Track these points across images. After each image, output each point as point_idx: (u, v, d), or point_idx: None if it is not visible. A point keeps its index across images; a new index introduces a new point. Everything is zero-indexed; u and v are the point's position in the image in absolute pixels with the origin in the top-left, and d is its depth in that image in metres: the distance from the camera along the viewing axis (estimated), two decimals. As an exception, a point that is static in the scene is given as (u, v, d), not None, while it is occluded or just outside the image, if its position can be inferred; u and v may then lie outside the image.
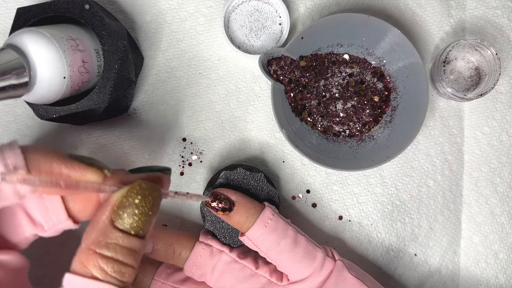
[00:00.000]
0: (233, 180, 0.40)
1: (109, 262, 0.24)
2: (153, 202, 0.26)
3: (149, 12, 0.44)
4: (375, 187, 0.45)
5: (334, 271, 0.37)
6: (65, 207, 0.27)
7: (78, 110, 0.37)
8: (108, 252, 0.24)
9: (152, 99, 0.44)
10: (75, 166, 0.26)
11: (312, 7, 0.45)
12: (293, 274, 0.37)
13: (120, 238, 0.25)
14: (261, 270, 0.38)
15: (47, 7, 0.36)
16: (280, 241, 0.37)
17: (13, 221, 0.27)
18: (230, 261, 0.38)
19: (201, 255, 0.38)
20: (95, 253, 0.24)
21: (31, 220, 0.27)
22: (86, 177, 0.26)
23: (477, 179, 0.46)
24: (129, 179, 0.27)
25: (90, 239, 0.25)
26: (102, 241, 0.25)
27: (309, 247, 0.38)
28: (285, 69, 0.43)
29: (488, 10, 0.46)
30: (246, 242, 0.38)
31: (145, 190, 0.26)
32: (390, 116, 0.44)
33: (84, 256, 0.25)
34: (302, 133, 0.43)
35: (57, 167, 0.26)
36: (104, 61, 0.37)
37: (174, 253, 0.38)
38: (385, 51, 0.43)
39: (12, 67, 0.29)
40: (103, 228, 0.25)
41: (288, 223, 0.39)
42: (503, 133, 0.46)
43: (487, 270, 0.46)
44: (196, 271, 0.38)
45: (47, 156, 0.25)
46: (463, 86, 0.44)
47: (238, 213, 0.37)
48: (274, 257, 0.37)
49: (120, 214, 0.25)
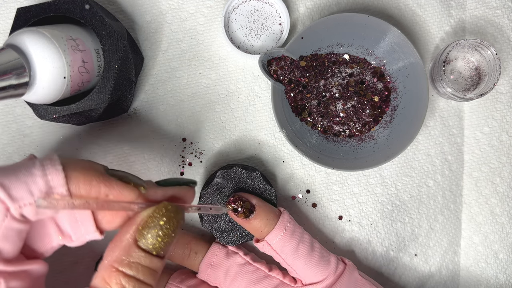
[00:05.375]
0: (230, 179, 0.40)
1: (131, 280, 0.25)
2: (177, 224, 0.26)
3: (149, 12, 0.44)
4: (375, 187, 0.45)
5: (346, 271, 0.38)
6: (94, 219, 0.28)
7: (78, 110, 0.37)
8: (130, 271, 0.25)
9: (152, 99, 0.44)
10: (113, 185, 0.26)
11: (312, 7, 0.45)
12: (308, 277, 0.38)
13: (142, 257, 0.25)
14: (274, 272, 0.39)
15: (47, 7, 0.36)
16: (298, 245, 0.38)
17: (42, 232, 0.28)
18: (244, 263, 0.39)
19: (217, 254, 0.39)
20: (118, 271, 0.25)
21: (60, 230, 0.28)
22: (123, 196, 0.27)
23: (477, 179, 0.46)
24: (156, 196, 0.28)
25: (113, 256, 0.25)
26: (125, 259, 0.25)
27: (323, 251, 0.39)
28: (285, 69, 0.43)
29: (488, 10, 0.46)
30: (263, 248, 0.39)
31: (170, 212, 0.26)
32: (390, 116, 0.44)
33: (106, 273, 0.25)
34: (302, 133, 0.43)
35: (96, 185, 0.26)
36: (104, 61, 0.37)
37: (190, 253, 0.39)
38: (385, 51, 0.43)
39: (12, 67, 0.29)
40: (127, 246, 0.25)
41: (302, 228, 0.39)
42: (503, 133, 0.46)
43: (487, 270, 0.46)
44: (210, 272, 0.39)
45: (87, 174, 0.26)
46: (463, 86, 0.44)
47: (258, 217, 0.37)
48: (290, 261, 0.38)
49: (144, 235, 0.26)
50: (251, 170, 0.41)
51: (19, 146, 0.43)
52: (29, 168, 0.25)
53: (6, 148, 0.43)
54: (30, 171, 0.25)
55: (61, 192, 0.25)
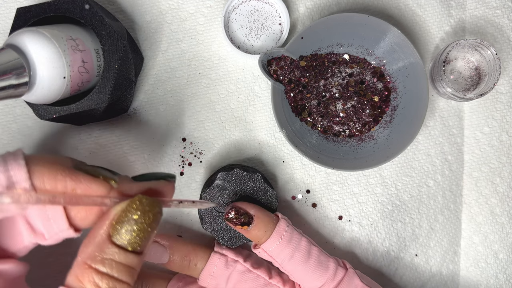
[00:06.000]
0: (230, 181, 0.40)
1: (104, 278, 0.24)
2: (153, 218, 0.25)
3: (149, 12, 0.44)
4: (375, 187, 0.45)
5: (345, 277, 0.38)
6: (67, 216, 0.26)
7: (78, 110, 0.36)
8: (104, 268, 0.24)
9: (152, 99, 0.44)
10: (80, 178, 0.25)
11: (312, 7, 0.45)
12: (306, 284, 0.38)
13: (116, 254, 0.24)
14: (274, 279, 0.39)
15: (47, 7, 0.36)
16: (294, 252, 0.37)
17: (12, 230, 0.26)
18: (244, 270, 0.38)
19: (217, 265, 0.38)
20: (91, 268, 0.24)
21: (31, 228, 0.27)
22: (91, 190, 0.25)
23: (477, 179, 0.46)
24: (132, 190, 0.26)
25: (86, 253, 0.24)
26: (98, 256, 0.24)
27: (322, 257, 0.38)
28: (285, 69, 0.43)
29: (488, 10, 0.46)
30: (260, 254, 0.39)
31: (145, 206, 0.25)
32: (390, 116, 0.44)
33: (79, 270, 0.24)
34: (302, 133, 0.43)
35: (62, 179, 0.25)
36: (104, 61, 0.37)
37: (190, 263, 0.38)
38: (385, 51, 0.43)
39: (12, 67, 0.29)
40: (100, 242, 0.24)
41: (301, 234, 0.39)
42: (503, 133, 0.46)
43: (487, 270, 0.46)
44: (211, 281, 0.38)
45: (51, 168, 0.25)
46: (463, 86, 0.44)
47: (257, 227, 0.37)
48: (288, 268, 0.38)
49: (118, 230, 0.25)
50: (252, 172, 0.41)
51: (19, 146, 0.43)
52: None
53: (6, 148, 0.43)
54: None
55: (24, 186, 0.24)
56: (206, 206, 0.32)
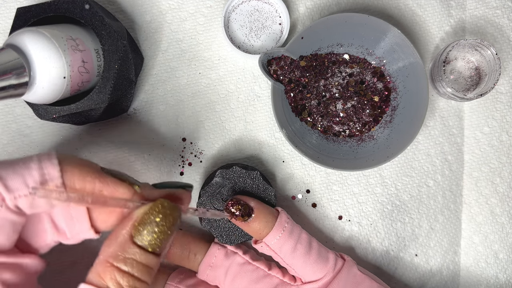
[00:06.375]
0: (229, 178, 0.40)
1: (125, 276, 0.25)
2: (173, 222, 0.27)
3: (149, 12, 0.44)
4: (375, 187, 0.45)
5: (344, 266, 0.39)
6: (89, 217, 0.28)
7: (78, 110, 0.37)
8: (125, 267, 0.25)
9: (152, 99, 0.44)
10: (108, 181, 0.27)
11: (312, 7, 0.45)
12: (306, 276, 0.38)
13: (137, 254, 0.26)
14: (273, 271, 0.39)
15: (47, 7, 0.36)
16: (296, 245, 0.38)
17: (38, 227, 0.28)
18: (243, 262, 0.39)
19: (216, 255, 0.39)
20: (112, 266, 0.25)
21: (55, 227, 0.28)
22: (117, 193, 0.27)
23: (477, 179, 0.46)
24: (152, 195, 0.28)
25: (108, 252, 0.26)
26: (120, 255, 0.25)
27: (322, 249, 0.39)
28: (285, 69, 0.43)
29: (488, 10, 0.46)
30: (262, 249, 0.39)
31: (166, 209, 0.27)
32: (390, 116, 0.44)
33: (101, 268, 0.25)
34: (302, 133, 0.43)
35: (91, 180, 0.26)
36: (104, 61, 0.37)
37: (190, 254, 0.39)
38: (385, 51, 0.43)
39: (12, 67, 0.29)
40: (122, 242, 0.26)
41: (300, 227, 0.39)
42: (503, 133, 0.46)
43: (487, 270, 0.46)
44: (210, 273, 0.39)
45: (82, 169, 0.26)
46: (463, 86, 0.44)
47: (257, 219, 0.38)
48: (289, 261, 0.38)
49: (140, 231, 0.26)
50: (251, 169, 0.41)
51: (19, 146, 0.43)
52: (26, 162, 0.25)
53: (6, 148, 0.43)
54: (27, 164, 0.25)
55: (56, 184, 0.25)
56: (219, 217, 0.34)
